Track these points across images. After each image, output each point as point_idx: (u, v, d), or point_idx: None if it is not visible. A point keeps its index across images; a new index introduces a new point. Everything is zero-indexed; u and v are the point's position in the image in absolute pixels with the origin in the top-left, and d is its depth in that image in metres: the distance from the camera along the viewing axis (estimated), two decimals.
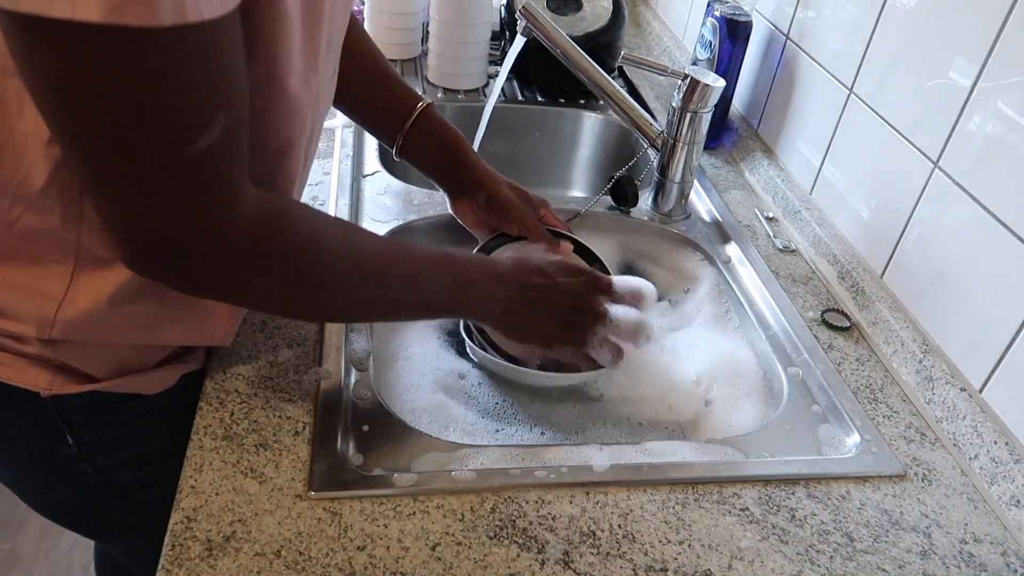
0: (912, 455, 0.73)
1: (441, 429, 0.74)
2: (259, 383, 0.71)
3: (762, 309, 0.90)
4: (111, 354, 0.65)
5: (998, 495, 0.69)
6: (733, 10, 1.12)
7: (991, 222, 0.74)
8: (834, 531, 0.65)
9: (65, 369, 0.64)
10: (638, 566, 0.60)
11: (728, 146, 1.21)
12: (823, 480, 0.69)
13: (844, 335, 0.87)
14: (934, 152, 0.81)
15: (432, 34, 1.28)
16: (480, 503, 0.63)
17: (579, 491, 0.65)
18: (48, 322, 0.60)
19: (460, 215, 0.89)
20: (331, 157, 1.05)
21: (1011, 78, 0.72)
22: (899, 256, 0.87)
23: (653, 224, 1.02)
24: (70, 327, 0.60)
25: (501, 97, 1.32)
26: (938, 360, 0.79)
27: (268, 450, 0.64)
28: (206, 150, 0.47)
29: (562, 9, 1.28)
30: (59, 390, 0.64)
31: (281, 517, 0.59)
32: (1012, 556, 0.65)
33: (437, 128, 0.86)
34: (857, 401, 0.78)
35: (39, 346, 0.62)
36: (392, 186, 1.02)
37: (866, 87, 0.93)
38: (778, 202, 1.07)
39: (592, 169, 1.36)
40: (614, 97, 1.02)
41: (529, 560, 0.59)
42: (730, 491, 0.67)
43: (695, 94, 0.94)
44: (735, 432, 0.76)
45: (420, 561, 0.58)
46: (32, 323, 0.60)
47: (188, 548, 0.56)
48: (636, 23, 1.68)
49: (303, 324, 0.77)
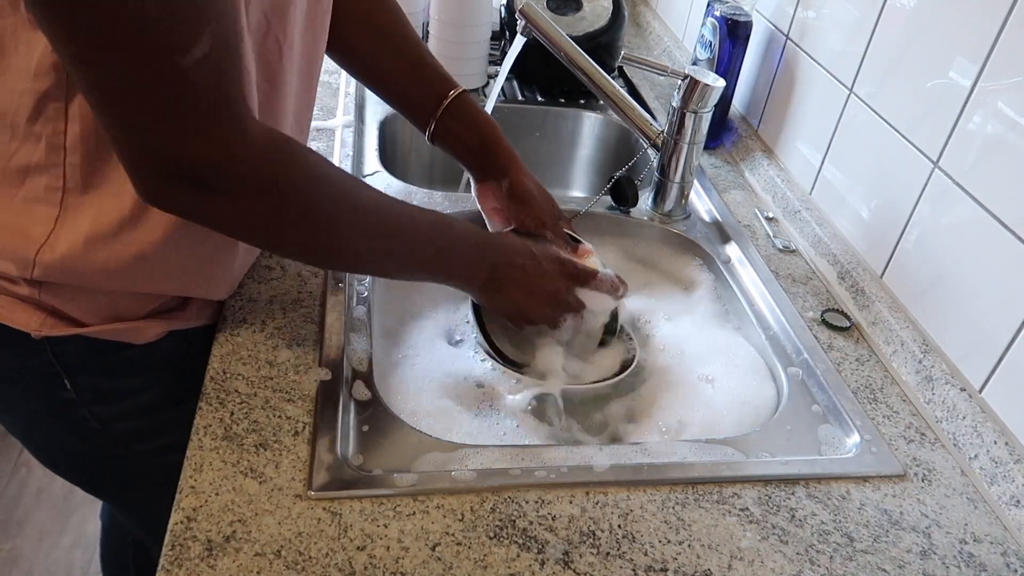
0: (912, 455, 0.73)
1: (441, 429, 0.74)
2: (259, 383, 0.71)
3: (762, 309, 0.90)
4: (99, 300, 0.67)
5: (998, 495, 0.69)
6: (733, 10, 1.12)
7: (991, 222, 0.74)
8: (834, 531, 0.65)
9: (55, 313, 0.66)
10: (638, 566, 0.60)
11: (728, 146, 1.21)
12: (823, 480, 0.69)
13: (844, 335, 0.87)
14: (934, 152, 0.81)
15: (432, 34, 1.28)
16: (480, 503, 0.63)
17: (579, 491, 0.65)
18: (28, 263, 0.62)
19: (481, 198, 0.89)
20: (331, 157, 1.05)
21: (1011, 78, 0.72)
22: (899, 256, 0.87)
23: (653, 224, 1.02)
24: (51, 269, 0.63)
25: (501, 97, 1.32)
26: (938, 360, 0.79)
27: (268, 450, 0.64)
28: (201, 61, 0.49)
29: (562, 9, 1.28)
30: (48, 332, 0.66)
31: (281, 517, 0.59)
32: (1012, 556, 0.65)
33: (471, 113, 0.87)
34: (857, 401, 0.78)
35: (27, 287, 0.64)
36: (392, 186, 1.02)
37: (866, 87, 0.93)
38: (778, 202, 1.07)
39: (592, 169, 1.36)
40: (614, 97, 1.02)
41: (529, 560, 0.59)
42: (730, 491, 0.67)
43: (695, 94, 0.94)
44: (735, 432, 0.76)
45: (420, 561, 0.58)
46: (13, 262, 0.63)
47: (188, 548, 0.56)
48: (636, 23, 1.68)
49: (303, 324, 0.77)
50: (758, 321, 0.88)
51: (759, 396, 0.82)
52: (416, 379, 0.79)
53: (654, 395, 0.82)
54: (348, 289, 0.83)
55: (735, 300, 0.93)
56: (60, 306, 0.66)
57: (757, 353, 0.87)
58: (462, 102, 0.86)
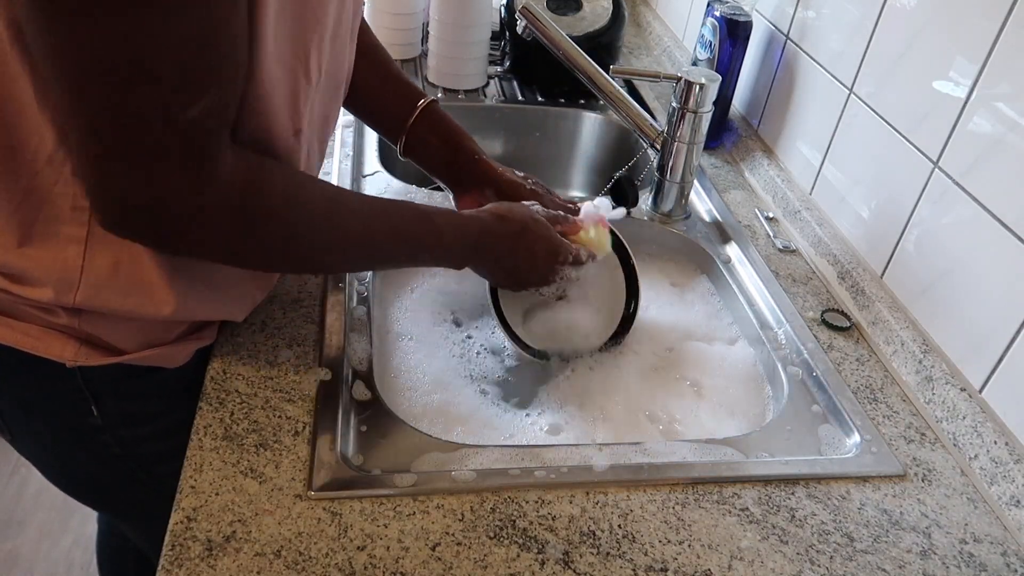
0: (912, 455, 0.73)
1: (441, 429, 0.74)
2: (259, 383, 0.71)
3: (762, 309, 0.90)
4: (135, 327, 0.67)
5: (998, 495, 0.69)
6: (733, 10, 1.12)
7: (991, 222, 0.74)
8: (834, 531, 0.65)
9: (90, 341, 0.66)
10: (638, 566, 0.60)
11: (728, 146, 1.21)
12: (823, 480, 0.69)
13: (844, 335, 0.87)
14: (934, 152, 0.81)
15: (432, 34, 1.28)
16: (480, 503, 0.63)
17: (579, 491, 0.65)
18: (73, 284, 0.61)
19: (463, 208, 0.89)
20: (331, 157, 1.05)
21: (1011, 78, 0.72)
22: (899, 256, 0.87)
23: (653, 224, 1.02)
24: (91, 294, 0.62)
25: (501, 97, 1.32)
26: (938, 360, 0.79)
27: (268, 450, 0.64)
28: (195, 120, 0.50)
29: (562, 9, 1.29)
30: (84, 361, 0.66)
31: (281, 517, 0.59)
32: (1012, 556, 0.65)
33: (440, 124, 0.86)
34: (857, 401, 0.78)
35: (66, 316, 0.64)
36: (392, 186, 1.02)
37: (866, 87, 0.93)
38: (778, 202, 1.07)
39: (592, 169, 1.36)
40: (614, 97, 1.02)
41: (529, 560, 0.59)
42: (730, 491, 0.67)
43: (691, 95, 0.95)
44: (735, 432, 0.76)
45: (420, 561, 0.58)
46: (53, 287, 0.62)
47: (188, 548, 0.56)
48: (636, 23, 1.68)
49: (303, 324, 0.78)
50: (758, 321, 0.88)
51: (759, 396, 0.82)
52: (416, 379, 0.79)
53: (653, 395, 0.82)
54: (348, 289, 0.83)
55: (735, 300, 0.93)
56: (98, 334, 0.65)
57: (757, 353, 0.87)
58: (432, 112, 0.86)
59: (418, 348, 0.83)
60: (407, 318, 0.87)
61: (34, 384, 0.69)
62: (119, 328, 0.66)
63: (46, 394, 0.70)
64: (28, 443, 0.77)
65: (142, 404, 0.73)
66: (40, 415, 0.73)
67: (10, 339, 0.65)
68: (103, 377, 0.69)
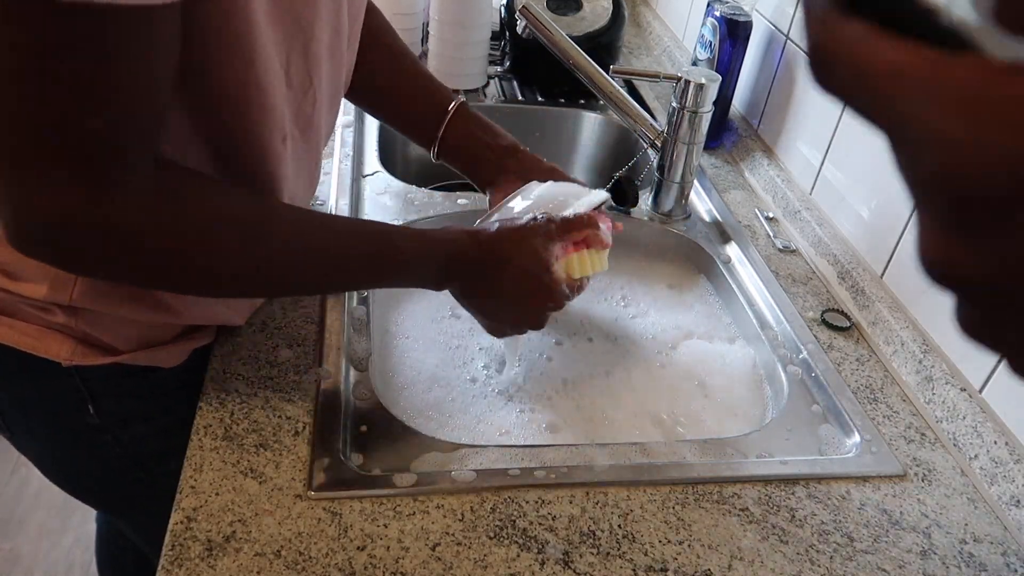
0: (912, 455, 0.73)
1: (441, 429, 0.74)
2: (259, 383, 0.71)
3: (762, 309, 0.90)
4: (132, 327, 0.67)
5: (998, 495, 0.69)
6: (733, 10, 1.12)
7: None
8: (834, 531, 0.65)
9: (87, 340, 0.66)
10: (638, 566, 0.60)
11: (728, 146, 1.21)
12: (823, 480, 0.69)
13: (844, 335, 0.87)
14: None
15: (432, 34, 1.28)
16: (480, 503, 0.63)
17: (579, 491, 0.65)
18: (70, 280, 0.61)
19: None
20: (331, 157, 1.05)
21: None
22: (899, 256, 0.87)
23: (653, 224, 1.02)
24: (88, 292, 0.62)
25: (501, 97, 1.32)
26: (938, 360, 0.79)
27: (268, 450, 0.64)
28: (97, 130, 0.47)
29: (562, 9, 1.28)
30: (80, 361, 0.66)
31: (281, 517, 0.59)
32: (1012, 556, 0.65)
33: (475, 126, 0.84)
34: (857, 401, 0.78)
35: (63, 316, 0.64)
36: (392, 186, 1.02)
37: None
38: (778, 202, 1.07)
39: (592, 169, 1.36)
40: (614, 97, 1.02)
41: (529, 560, 0.59)
42: (730, 491, 0.67)
43: (690, 95, 0.95)
44: (735, 432, 0.76)
45: (420, 561, 0.58)
46: (50, 283, 0.61)
47: (188, 548, 0.56)
48: (636, 23, 1.68)
49: (303, 324, 0.77)
50: (758, 321, 0.88)
51: (759, 396, 0.82)
52: (416, 379, 0.79)
53: (653, 395, 0.82)
54: None
55: (735, 300, 0.93)
56: (95, 333, 0.65)
57: (757, 353, 0.87)
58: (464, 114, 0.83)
59: (418, 347, 0.83)
60: (407, 317, 0.87)
61: (32, 383, 0.69)
62: (116, 328, 0.66)
63: (44, 393, 0.70)
64: (27, 442, 0.77)
65: (140, 404, 0.74)
66: (38, 414, 0.73)
67: (7, 338, 0.65)
68: (100, 376, 0.69)
